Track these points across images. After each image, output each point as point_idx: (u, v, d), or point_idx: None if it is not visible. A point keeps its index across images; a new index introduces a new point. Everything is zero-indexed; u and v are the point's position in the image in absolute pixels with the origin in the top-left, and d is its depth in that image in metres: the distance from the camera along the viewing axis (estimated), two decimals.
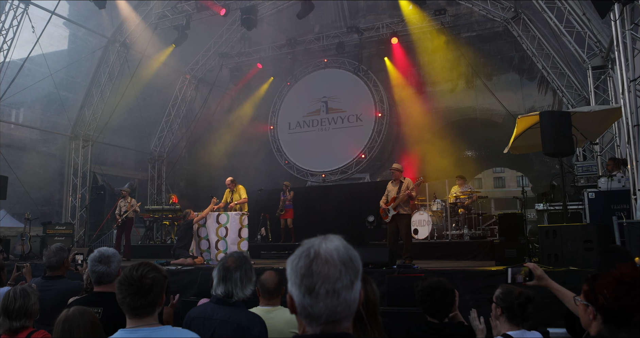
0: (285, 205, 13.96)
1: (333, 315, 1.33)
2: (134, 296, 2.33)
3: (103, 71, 16.69)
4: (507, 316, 3.15)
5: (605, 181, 8.51)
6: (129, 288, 2.34)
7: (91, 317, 2.63)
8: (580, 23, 11.12)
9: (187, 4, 15.64)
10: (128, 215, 12.68)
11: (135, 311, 2.35)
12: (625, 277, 1.82)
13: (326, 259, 1.34)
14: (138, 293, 2.34)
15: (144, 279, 2.36)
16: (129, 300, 2.34)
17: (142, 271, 2.38)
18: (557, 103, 14.20)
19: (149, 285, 2.36)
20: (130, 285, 2.35)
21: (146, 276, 2.37)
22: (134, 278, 2.35)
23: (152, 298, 2.37)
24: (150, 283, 2.37)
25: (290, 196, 14.04)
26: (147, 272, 2.38)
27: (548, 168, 14.45)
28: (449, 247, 11.32)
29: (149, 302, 2.36)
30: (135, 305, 2.34)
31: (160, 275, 2.44)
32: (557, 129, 7.61)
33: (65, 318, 2.60)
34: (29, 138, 15.70)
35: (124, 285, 2.36)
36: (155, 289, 2.39)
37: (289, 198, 14.01)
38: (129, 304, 2.35)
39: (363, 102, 17.39)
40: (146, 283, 2.36)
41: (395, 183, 9.46)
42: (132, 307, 2.35)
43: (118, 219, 12.73)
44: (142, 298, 2.34)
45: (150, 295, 2.36)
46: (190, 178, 19.40)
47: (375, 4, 17.64)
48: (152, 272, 2.41)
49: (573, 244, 6.91)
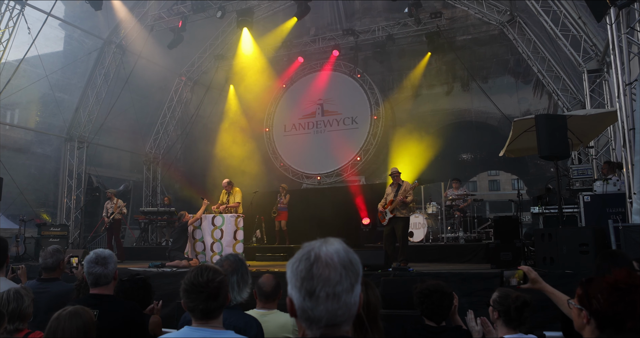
0: (279, 207, 13.93)
1: (333, 318, 1.33)
2: (207, 301, 2.39)
3: (99, 72, 16.64)
4: (504, 320, 3.15)
5: (601, 184, 8.54)
6: (200, 295, 2.39)
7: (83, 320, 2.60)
8: (576, 26, 11.17)
9: (183, 5, 15.63)
10: (115, 216, 12.66)
11: (208, 314, 2.41)
12: (620, 283, 1.82)
13: (327, 262, 1.34)
14: (210, 298, 2.39)
15: (211, 283, 2.41)
16: (203, 306, 2.39)
17: (207, 276, 2.43)
18: (552, 106, 14.25)
19: (217, 289, 2.42)
20: (200, 292, 2.39)
21: (213, 280, 2.42)
22: (202, 284, 2.40)
23: (222, 300, 2.44)
24: (218, 287, 2.43)
25: (286, 199, 14.01)
26: (212, 276, 2.44)
27: (543, 171, 14.49)
28: (444, 250, 11.32)
29: (220, 304, 2.43)
30: (209, 309, 2.40)
31: (222, 276, 2.50)
32: (552, 133, 7.63)
33: (57, 317, 2.60)
34: (24, 139, 15.62)
35: (194, 293, 2.40)
36: (223, 291, 2.46)
37: (284, 202, 13.98)
38: (202, 310, 2.39)
39: (359, 105, 17.41)
40: (214, 287, 2.41)
41: (394, 186, 9.49)
42: (205, 312, 2.40)
43: (105, 221, 12.72)
44: (214, 301, 2.40)
45: (220, 297, 2.43)
46: (186, 180, 19.34)
47: (371, 6, 17.67)
48: (216, 275, 2.46)
49: (568, 247, 6.93)
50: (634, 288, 1.79)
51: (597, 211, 8.25)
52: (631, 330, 1.77)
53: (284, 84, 18.89)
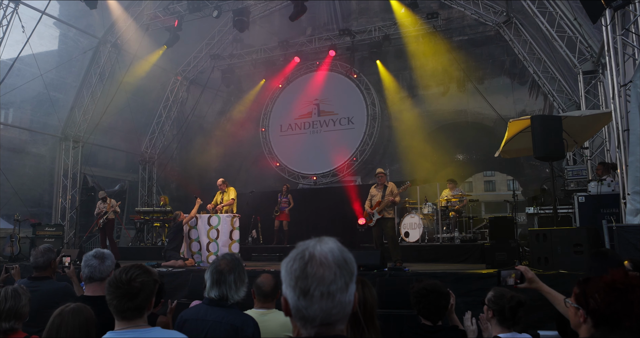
0: (281, 207, 13.94)
1: (328, 317, 1.33)
2: (121, 299, 2.31)
3: (94, 72, 16.60)
4: (498, 319, 3.17)
5: (595, 185, 8.58)
6: (117, 290, 2.32)
7: (85, 317, 2.60)
8: (571, 28, 11.21)
9: (179, 5, 15.61)
10: (108, 216, 12.62)
11: (122, 314, 2.33)
12: (618, 283, 1.83)
13: (321, 261, 1.34)
14: (125, 297, 2.31)
15: (132, 282, 2.33)
16: (116, 302, 2.32)
17: (131, 274, 2.36)
18: (548, 107, 14.29)
19: (137, 289, 2.33)
20: (118, 287, 2.32)
21: (135, 279, 2.34)
22: (122, 281, 2.33)
23: (139, 302, 2.34)
24: (139, 287, 2.34)
25: (289, 199, 14.05)
26: (136, 276, 2.36)
27: (538, 172, 14.52)
28: (439, 250, 11.34)
29: (136, 305, 2.34)
30: (122, 308, 2.32)
31: (150, 279, 2.41)
32: (547, 133, 7.67)
33: (60, 313, 2.59)
34: (18, 139, 15.57)
35: (112, 287, 2.34)
36: (144, 293, 2.36)
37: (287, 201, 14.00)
38: (116, 306, 2.32)
39: (355, 105, 17.41)
40: (134, 286, 2.33)
41: (379, 188, 9.53)
42: (119, 310, 2.33)
43: (99, 221, 12.67)
44: (129, 301, 2.32)
45: (137, 298, 2.33)
46: (181, 180, 19.32)
47: (367, 7, 17.68)
48: (142, 276, 2.38)
49: (563, 248, 6.96)
50: (631, 288, 1.80)
51: (592, 212, 8.29)
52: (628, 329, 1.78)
53: (280, 84, 18.88)
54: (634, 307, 1.78)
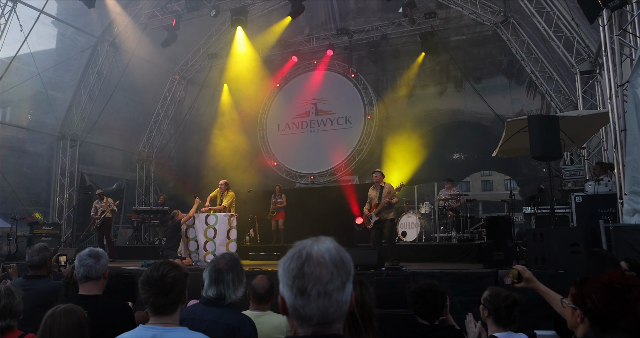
0: (277, 207, 13.95)
1: (324, 316, 1.33)
2: (157, 295, 2.39)
3: (92, 71, 16.57)
4: (494, 318, 3.18)
5: (592, 185, 8.59)
6: (152, 288, 2.40)
7: (78, 316, 2.61)
8: (569, 28, 11.22)
9: (177, 4, 15.59)
10: (106, 215, 12.60)
11: (158, 309, 2.41)
12: (615, 283, 1.84)
13: (318, 261, 1.34)
14: (161, 293, 2.39)
15: (165, 278, 2.42)
16: (153, 299, 2.39)
17: (162, 270, 2.44)
18: (545, 107, 14.31)
19: (170, 284, 2.42)
20: (152, 285, 2.40)
21: (167, 275, 2.43)
22: (155, 278, 2.41)
23: (174, 296, 2.43)
24: (172, 282, 2.43)
25: (283, 200, 14.05)
26: (167, 271, 2.44)
27: (536, 171, 14.55)
28: (437, 250, 11.36)
29: (171, 300, 2.42)
30: (159, 304, 2.40)
31: (180, 273, 2.50)
32: (545, 133, 7.67)
33: (52, 314, 2.60)
34: (15, 137, 15.53)
35: (147, 285, 2.42)
36: (177, 287, 2.45)
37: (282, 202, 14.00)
38: (153, 303, 2.40)
39: (352, 105, 17.42)
40: (167, 282, 2.41)
41: (377, 189, 9.52)
42: (155, 306, 2.40)
43: (95, 220, 12.64)
44: (165, 297, 2.40)
45: (172, 293, 2.42)
46: (179, 179, 19.30)
47: (365, 6, 17.68)
48: (173, 271, 2.46)
49: (560, 247, 6.97)
50: (628, 288, 1.82)
51: (589, 211, 8.30)
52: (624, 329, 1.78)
53: (278, 83, 18.88)
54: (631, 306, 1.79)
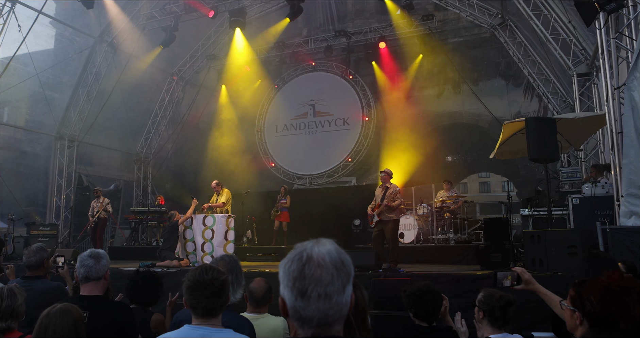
0: (281, 208, 13.83)
1: (325, 318, 1.34)
2: (210, 299, 2.43)
3: (90, 71, 16.56)
4: (489, 319, 3.19)
5: (589, 187, 8.62)
6: (204, 291, 2.43)
7: (74, 317, 2.60)
8: (566, 30, 11.27)
9: (175, 5, 15.60)
10: (100, 215, 12.57)
11: (210, 312, 2.45)
12: (613, 285, 1.85)
13: (318, 263, 1.35)
14: (213, 296, 2.44)
15: (215, 282, 2.47)
16: (206, 303, 2.43)
17: (211, 274, 2.49)
18: (542, 109, 14.35)
19: (220, 287, 2.47)
20: (205, 289, 2.44)
21: (217, 279, 2.48)
22: (206, 282, 2.45)
23: (224, 298, 2.50)
24: (221, 285, 2.48)
25: (287, 201, 13.90)
26: (216, 275, 2.50)
27: (533, 173, 14.58)
28: (434, 251, 11.36)
29: (222, 302, 2.48)
30: (211, 307, 2.44)
31: (226, 276, 2.56)
32: (542, 135, 7.70)
33: (47, 314, 2.59)
34: (13, 138, 15.50)
35: (198, 289, 2.44)
36: (226, 290, 2.51)
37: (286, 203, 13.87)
38: (206, 307, 2.43)
39: (350, 106, 17.43)
40: (218, 285, 2.47)
41: (382, 188, 9.51)
42: (207, 309, 2.44)
43: (90, 220, 12.60)
44: (218, 299, 2.46)
45: (223, 295, 2.48)
46: (177, 180, 19.29)
47: (363, 8, 17.71)
48: (220, 274, 2.53)
49: (557, 249, 6.98)
50: (627, 290, 1.82)
51: (586, 213, 8.33)
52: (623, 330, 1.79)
53: (276, 85, 18.89)
54: (629, 308, 1.80)
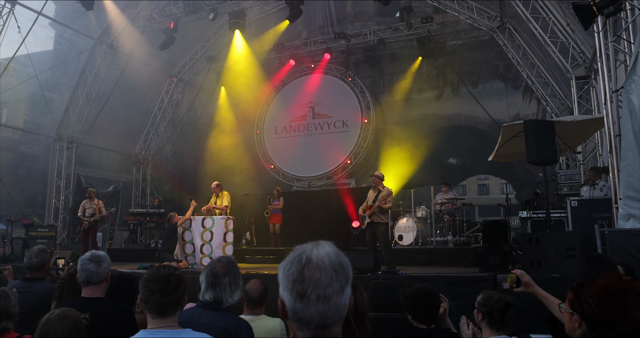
0: (273, 210, 13.82)
1: (324, 320, 1.35)
2: (162, 292, 2.39)
3: (89, 73, 16.56)
4: (488, 321, 3.19)
5: (588, 190, 8.64)
6: (158, 284, 2.41)
7: (73, 321, 2.60)
8: (564, 34, 11.29)
9: (175, 7, 15.62)
10: (96, 218, 12.49)
11: (162, 308, 2.40)
12: (611, 288, 1.85)
13: (317, 265, 1.36)
14: (166, 290, 2.40)
15: (171, 277, 2.44)
16: (157, 296, 2.39)
17: (168, 269, 2.48)
18: (541, 112, 14.37)
19: (175, 282, 2.44)
20: (159, 281, 2.41)
21: (173, 274, 2.46)
22: (162, 275, 2.44)
23: (178, 295, 2.45)
24: (177, 281, 2.45)
25: (280, 203, 13.87)
26: (173, 270, 2.49)
27: (532, 176, 14.60)
28: (433, 253, 11.36)
29: (176, 299, 2.44)
30: (164, 302, 2.39)
31: (183, 274, 2.54)
32: (540, 138, 7.71)
33: (46, 321, 2.58)
34: (12, 139, 15.49)
35: (152, 281, 2.42)
36: (181, 287, 2.47)
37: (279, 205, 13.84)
38: (156, 301, 2.39)
39: (349, 108, 17.45)
40: (173, 280, 2.44)
41: (375, 190, 9.54)
42: (159, 304, 2.40)
43: (83, 222, 12.47)
44: (171, 294, 2.41)
45: (177, 292, 2.44)
46: (176, 181, 19.29)
47: (362, 11, 17.73)
48: (177, 271, 2.51)
49: (555, 252, 6.99)
50: (625, 293, 1.82)
51: (584, 216, 8.35)
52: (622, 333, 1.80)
53: (275, 87, 18.90)
54: (627, 311, 1.80)
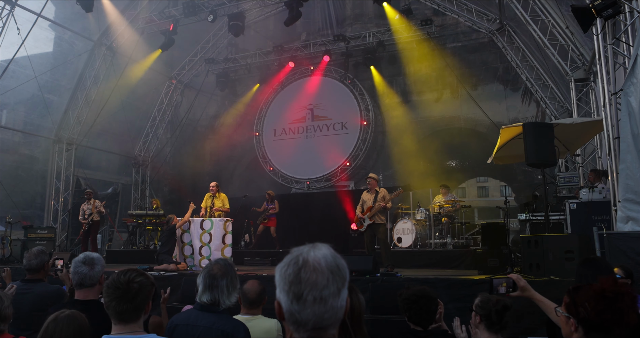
0: (270, 214, 13.82)
1: (320, 321, 1.35)
2: (120, 300, 2.35)
3: (88, 74, 16.57)
4: (486, 324, 3.19)
5: (587, 192, 8.64)
6: (116, 291, 2.36)
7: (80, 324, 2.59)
8: (563, 36, 11.31)
9: (174, 9, 15.63)
10: (93, 217, 12.52)
11: (120, 315, 2.37)
12: (607, 292, 1.85)
13: (314, 267, 1.36)
14: (124, 298, 2.35)
15: (130, 284, 2.38)
16: (115, 303, 2.35)
17: (129, 276, 2.41)
18: (540, 114, 14.38)
19: (135, 290, 2.38)
20: (117, 288, 2.37)
21: (133, 280, 2.40)
22: (121, 282, 2.38)
23: (137, 303, 2.39)
24: (137, 288, 2.39)
25: (276, 206, 13.88)
26: (134, 277, 2.42)
27: (531, 178, 14.59)
28: (432, 256, 11.36)
29: (135, 306, 2.38)
30: (121, 310, 2.36)
31: (147, 281, 2.47)
32: (539, 140, 7.71)
33: (55, 319, 2.58)
34: (11, 140, 15.49)
35: (111, 288, 2.38)
36: (142, 294, 2.41)
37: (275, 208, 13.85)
38: (115, 308, 2.36)
39: (349, 110, 17.45)
40: (133, 287, 2.38)
41: (371, 193, 9.54)
42: (117, 311, 2.36)
43: (83, 224, 12.50)
44: (129, 302, 2.36)
45: (136, 299, 2.38)
46: (175, 183, 19.30)
47: (362, 13, 17.75)
48: (139, 277, 2.44)
49: (554, 254, 7.00)
50: (621, 297, 1.83)
51: (583, 218, 8.36)
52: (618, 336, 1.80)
53: (275, 89, 18.90)
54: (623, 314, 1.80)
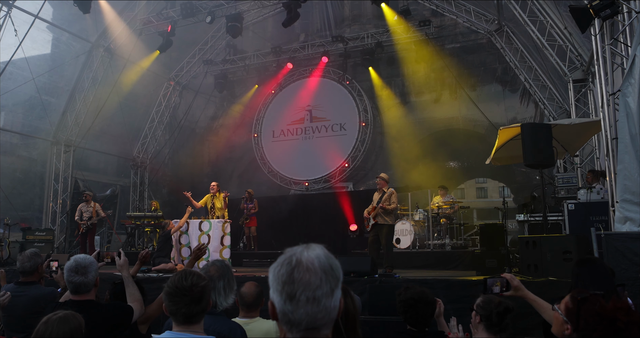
0: (251, 213, 13.79)
1: (313, 322, 1.35)
2: (190, 305, 2.41)
3: (86, 76, 16.56)
4: (485, 325, 3.17)
5: (585, 193, 8.64)
6: (184, 298, 2.41)
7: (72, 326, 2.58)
8: (562, 37, 11.32)
9: (172, 10, 15.63)
10: (93, 221, 12.48)
11: (190, 319, 2.43)
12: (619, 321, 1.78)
13: (307, 267, 1.36)
14: (193, 303, 2.42)
15: (195, 288, 2.44)
16: (185, 309, 2.40)
17: (191, 280, 2.46)
18: (538, 115, 14.39)
19: (200, 293, 2.45)
20: (184, 295, 2.41)
21: (197, 284, 2.45)
22: (186, 288, 2.43)
23: (204, 304, 2.47)
24: (201, 291, 2.45)
25: (255, 206, 13.86)
26: (196, 281, 2.47)
27: (529, 179, 14.60)
28: (430, 257, 11.37)
29: (202, 308, 2.46)
30: (192, 314, 2.42)
31: (206, 281, 2.53)
32: (538, 141, 7.72)
33: (46, 321, 2.57)
34: (9, 142, 15.46)
35: (177, 296, 2.42)
36: (206, 296, 2.49)
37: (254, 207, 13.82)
38: (185, 314, 2.41)
39: (347, 111, 17.45)
40: (198, 291, 2.44)
41: (379, 192, 9.53)
42: (187, 316, 2.42)
43: (80, 225, 12.45)
44: (197, 306, 2.43)
45: (202, 302, 2.45)
46: (173, 185, 19.26)
47: (360, 14, 17.77)
48: (200, 280, 2.50)
49: (552, 255, 7.00)
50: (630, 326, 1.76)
51: (581, 219, 8.35)
52: None
53: (273, 90, 18.90)
54: None
